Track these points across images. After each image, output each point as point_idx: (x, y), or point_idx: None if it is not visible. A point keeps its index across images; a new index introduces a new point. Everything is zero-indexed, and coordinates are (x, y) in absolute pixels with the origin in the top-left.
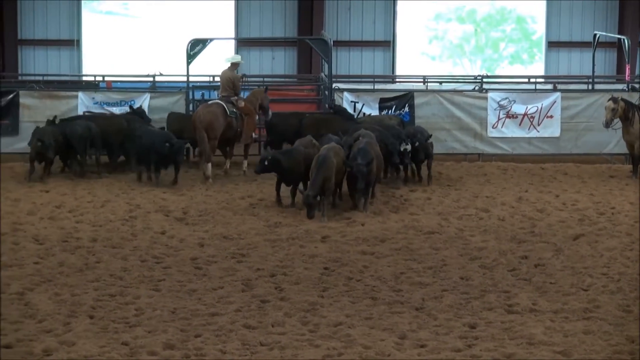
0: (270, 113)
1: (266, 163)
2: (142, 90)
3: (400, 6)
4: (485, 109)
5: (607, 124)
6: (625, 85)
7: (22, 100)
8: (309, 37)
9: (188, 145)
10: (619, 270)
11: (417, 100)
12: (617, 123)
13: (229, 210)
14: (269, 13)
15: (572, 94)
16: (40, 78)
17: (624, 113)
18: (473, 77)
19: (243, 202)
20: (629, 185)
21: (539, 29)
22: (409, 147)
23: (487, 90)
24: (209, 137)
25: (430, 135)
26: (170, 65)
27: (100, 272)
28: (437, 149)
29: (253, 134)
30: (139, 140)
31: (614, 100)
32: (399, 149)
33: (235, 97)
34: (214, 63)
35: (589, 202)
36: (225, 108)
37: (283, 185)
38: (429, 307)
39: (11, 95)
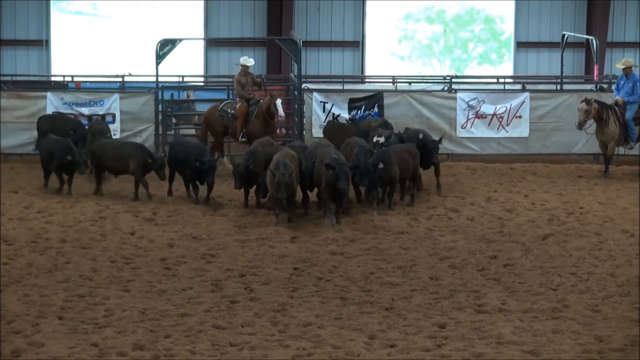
0: (279, 115)
1: (240, 175)
2: (111, 91)
3: (369, 6)
4: (455, 109)
5: (580, 126)
6: (594, 85)
7: None
8: (278, 38)
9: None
10: (588, 269)
11: (387, 101)
12: (591, 126)
13: (198, 210)
14: (238, 13)
15: (541, 94)
16: (8, 78)
17: (598, 114)
18: (442, 78)
19: (212, 203)
20: (597, 185)
21: (508, 29)
22: (382, 139)
23: (456, 91)
24: (210, 133)
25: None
26: (139, 66)
27: (69, 273)
28: None
29: (239, 137)
30: (172, 151)
31: (587, 101)
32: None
33: (238, 99)
34: (183, 63)
35: (558, 202)
36: (220, 106)
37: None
38: (399, 307)
39: None
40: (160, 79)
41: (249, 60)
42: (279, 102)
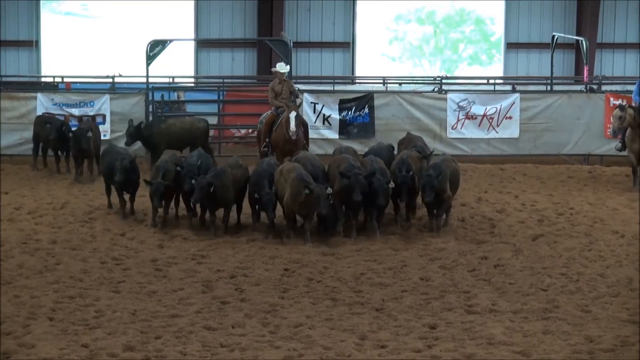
0: (290, 130)
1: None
2: (102, 92)
3: (360, 7)
4: (445, 110)
5: (615, 133)
6: (584, 86)
7: None
8: (268, 38)
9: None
10: (578, 270)
11: (377, 102)
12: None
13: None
14: (229, 14)
15: (531, 95)
16: None
17: (634, 121)
18: (432, 78)
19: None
20: (587, 185)
21: (498, 30)
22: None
23: (446, 92)
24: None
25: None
26: (129, 66)
27: (59, 274)
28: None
29: (262, 146)
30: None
31: (621, 107)
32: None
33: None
34: (174, 64)
35: (548, 202)
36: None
37: None
38: (389, 307)
39: None
40: (150, 79)
41: (284, 68)
42: (292, 115)
